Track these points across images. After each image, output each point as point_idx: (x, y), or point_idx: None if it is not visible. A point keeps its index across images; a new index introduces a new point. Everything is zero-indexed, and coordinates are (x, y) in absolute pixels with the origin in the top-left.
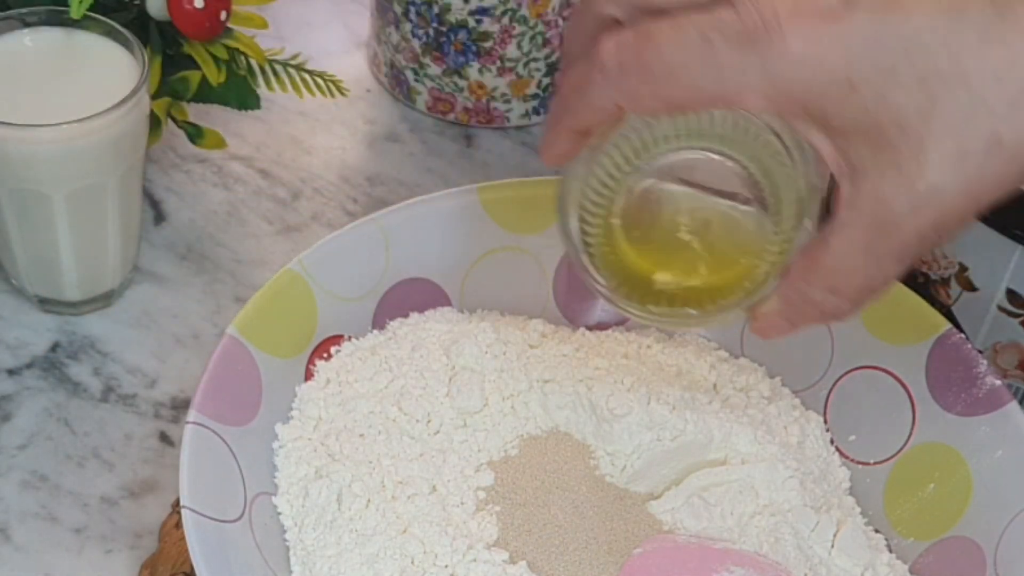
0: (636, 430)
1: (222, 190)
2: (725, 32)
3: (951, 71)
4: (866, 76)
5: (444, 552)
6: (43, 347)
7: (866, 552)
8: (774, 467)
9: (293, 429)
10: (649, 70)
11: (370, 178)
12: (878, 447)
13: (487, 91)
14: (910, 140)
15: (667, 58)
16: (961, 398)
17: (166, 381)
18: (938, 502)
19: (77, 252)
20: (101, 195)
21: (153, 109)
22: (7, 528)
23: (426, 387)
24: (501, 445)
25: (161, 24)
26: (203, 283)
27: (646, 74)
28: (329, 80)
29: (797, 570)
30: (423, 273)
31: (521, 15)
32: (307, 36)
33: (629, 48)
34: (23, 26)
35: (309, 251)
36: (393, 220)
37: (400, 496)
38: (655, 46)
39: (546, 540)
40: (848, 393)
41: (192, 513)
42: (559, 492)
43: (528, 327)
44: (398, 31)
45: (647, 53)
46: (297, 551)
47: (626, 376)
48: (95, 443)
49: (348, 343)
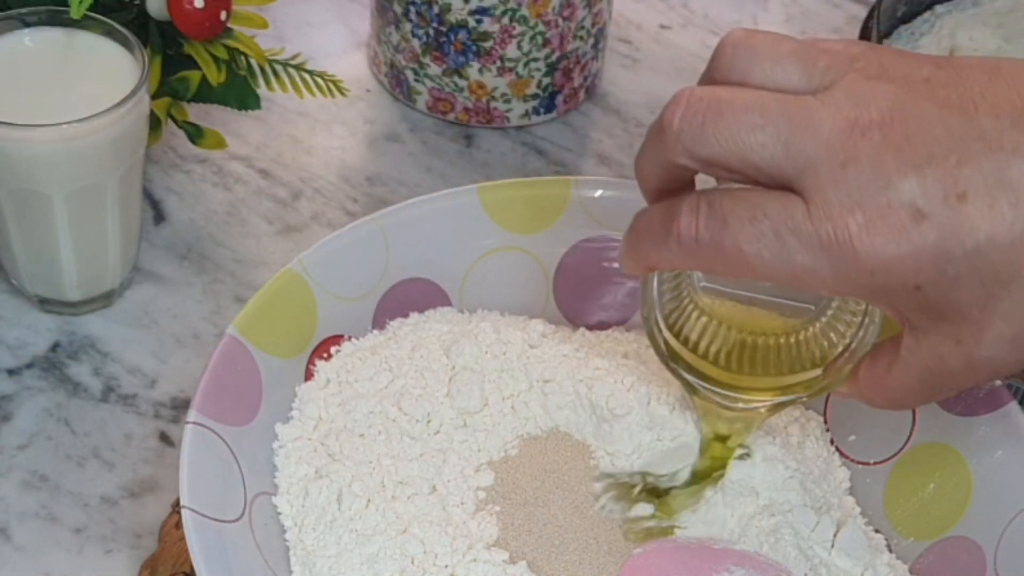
0: (636, 430)
1: (222, 190)
2: (799, 235)
3: (1010, 276)
4: (931, 281)
5: (444, 552)
6: (43, 347)
7: (866, 552)
8: (774, 467)
9: (293, 429)
10: (724, 254)
11: (370, 178)
12: (878, 447)
13: (487, 91)
14: (968, 324)
15: (742, 247)
16: (961, 398)
17: (166, 381)
18: (938, 502)
19: (77, 252)
20: (101, 195)
21: (153, 109)
22: (7, 528)
23: (426, 387)
24: (501, 445)
25: (161, 24)
26: (203, 283)
27: (721, 256)
28: (329, 80)
29: (797, 570)
30: (423, 273)
31: (521, 15)
32: (307, 36)
33: (705, 230)
34: (23, 26)
35: (309, 251)
36: (393, 220)
37: (400, 496)
38: (731, 235)
39: (546, 540)
40: None
41: (192, 513)
42: (559, 492)
43: (528, 327)
44: (398, 31)
45: (724, 240)
46: (297, 551)
47: (626, 376)
48: (95, 443)
49: (348, 343)
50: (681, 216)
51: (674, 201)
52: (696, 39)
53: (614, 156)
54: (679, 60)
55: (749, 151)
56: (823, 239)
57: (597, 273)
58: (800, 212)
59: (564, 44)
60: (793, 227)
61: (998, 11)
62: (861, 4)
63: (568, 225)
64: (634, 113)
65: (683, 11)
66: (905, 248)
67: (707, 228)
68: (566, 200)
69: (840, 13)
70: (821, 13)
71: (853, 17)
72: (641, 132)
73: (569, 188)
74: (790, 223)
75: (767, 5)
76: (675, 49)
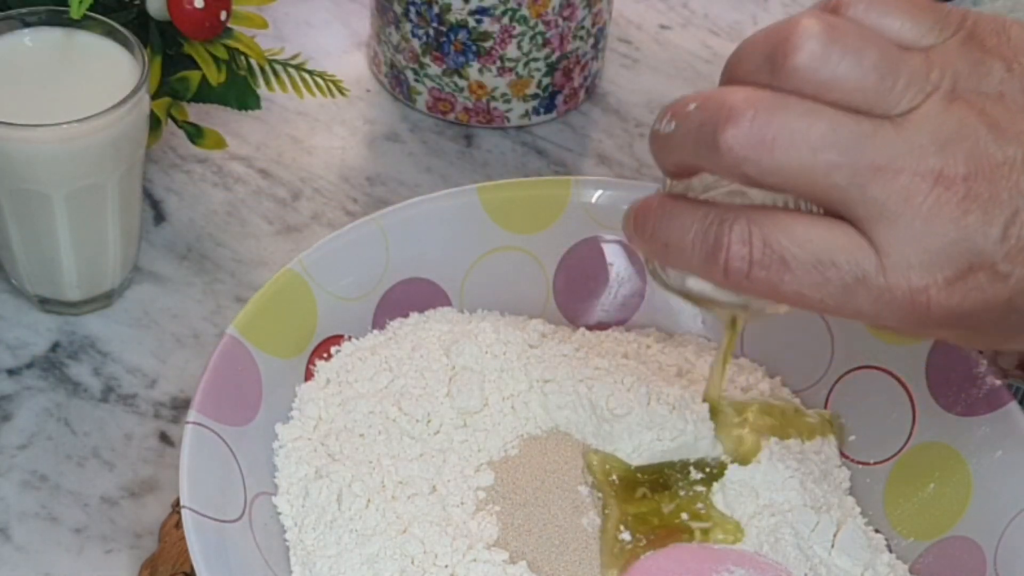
0: (636, 430)
1: (222, 190)
2: (869, 289)
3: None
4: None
5: (444, 552)
6: (43, 347)
7: (866, 552)
8: (774, 467)
9: (293, 429)
10: (780, 294)
11: (370, 178)
12: (878, 447)
13: (487, 91)
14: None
15: (804, 292)
16: (961, 398)
17: (166, 381)
18: (938, 502)
19: (77, 252)
20: (101, 195)
21: (153, 109)
22: (7, 528)
23: (426, 387)
24: (501, 445)
25: (161, 24)
26: (203, 283)
27: (775, 295)
28: (329, 80)
29: (797, 570)
30: (423, 273)
31: (521, 15)
32: (307, 36)
33: (761, 269)
34: (23, 26)
35: (309, 251)
36: (393, 220)
37: (400, 496)
38: (793, 280)
39: (546, 540)
40: (848, 393)
41: (192, 513)
42: (559, 492)
43: (528, 327)
44: (398, 31)
45: (784, 284)
46: (297, 551)
47: (626, 376)
48: (95, 443)
49: (348, 343)
50: (731, 247)
51: (716, 222)
52: (696, 39)
53: (614, 156)
54: (679, 60)
55: (817, 188)
56: (897, 297)
57: (597, 273)
58: (872, 265)
59: (564, 44)
60: (864, 280)
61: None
62: None
63: (568, 225)
64: (634, 113)
65: (683, 11)
66: (980, 305)
67: (763, 267)
68: (566, 200)
69: None
70: None
71: None
72: (641, 132)
73: (569, 188)
74: (860, 274)
75: (767, 5)
76: (675, 49)
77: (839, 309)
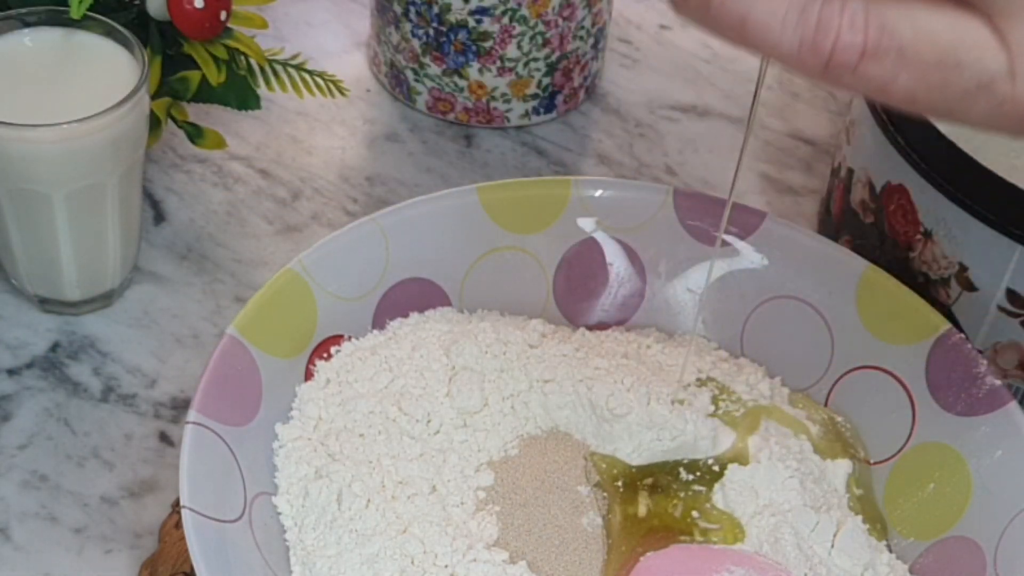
0: (636, 430)
1: (222, 190)
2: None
3: None
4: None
5: (444, 552)
6: (43, 347)
7: (866, 552)
8: (774, 467)
9: (293, 429)
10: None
11: (370, 178)
12: (878, 447)
13: (487, 91)
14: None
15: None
16: (961, 398)
17: (166, 381)
18: (938, 502)
19: (77, 252)
20: (101, 195)
21: (153, 109)
22: (7, 528)
23: (426, 387)
24: (501, 445)
25: (161, 24)
26: (203, 283)
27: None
28: (329, 80)
29: (797, 570)
30: (423, 273)
31: (521, 15)
32: (307, 36)
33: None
34: (23, 26)
35: (309, 251)
36: (393, 220)
37: (400, 496)
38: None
39: (546, 540)
40: (848, 393)
41: (192, 513)
42: (559, 492)
43: (528, 327)
44: (398, 31)
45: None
46: (297, 551)
47: (626, 376)
48: (95, 443)
49: (348, 343)
50: (842, 33)
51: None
52: (696, 39)
53: (614, 156)
54: (679, 60)
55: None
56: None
57: (597, 273)
58: (1001, 68)
59: (564, 44)
60: (989, 86)
61: None
62: None
63: (568, 225)
64: (634, 113)
65: None
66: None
67: (877, 62)
68: (566, 200)
69: None
70: None
71: None
72: (641, 132)
73: (569, 188)
74: (986, 79)
75: None
76: (675, 49)
77: (950, 115)
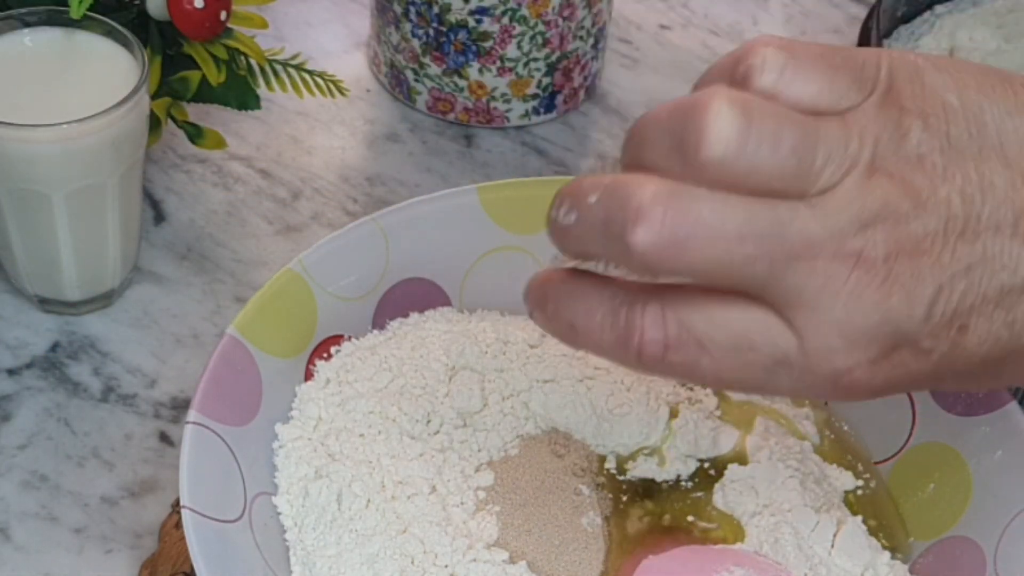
0: (636, 430)
1: (222, 190)
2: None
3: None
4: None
5: (444, 552)
6: (43, 347)
7: (866, 552)
8: (774, 467)
9: (293, 429)
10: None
11: (370, 178)
12: (878, 447)
13: (487, 91)
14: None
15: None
16: (961, 398)
17: (166, 381)
18: (938, 502)
19: (77, 252)
20: (101, 195)
21: (153, 109)
22: (7, 528)
23: (426, 387)
24: (501, 445)
25: (161, 24)
26: (203, 283)
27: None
28: (329, 80)
29: (797, 570)
30: (423, 273)
31: (521, 15)
32: (307, 36)
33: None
34: (23, 26)
35: (309, 251)
36: (393, 220)
37: (400, 496)
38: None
39: (546, 540)
40: None
41: (192, 513)
42: (559, 492)
43: (528, 327)
44: (398, 31)
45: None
46: (297, 551)
47: (626, 376)
48: (95, 443)
49: (348, 343)
50: (645, 331)
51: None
52: (696, 39)
53: (614, 156)
54: (679, 60)
55: (734, 279)
56: (819, 378)
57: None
58: (792, 347)
59: (564, 44)
60: (785, 362)
61: (998, 11)
62: (861, 4)
63: None
64: (634, 113)
65: (683, 11)
66: (904, 379)
67: (679, 351)
68: None
69: (840, 13)
70: (821, 13)
71: (853, 17)
72: None
73: None
74: (780, 357)
75: (767, 5)
76: (675, 49)
77: (760, 389)
